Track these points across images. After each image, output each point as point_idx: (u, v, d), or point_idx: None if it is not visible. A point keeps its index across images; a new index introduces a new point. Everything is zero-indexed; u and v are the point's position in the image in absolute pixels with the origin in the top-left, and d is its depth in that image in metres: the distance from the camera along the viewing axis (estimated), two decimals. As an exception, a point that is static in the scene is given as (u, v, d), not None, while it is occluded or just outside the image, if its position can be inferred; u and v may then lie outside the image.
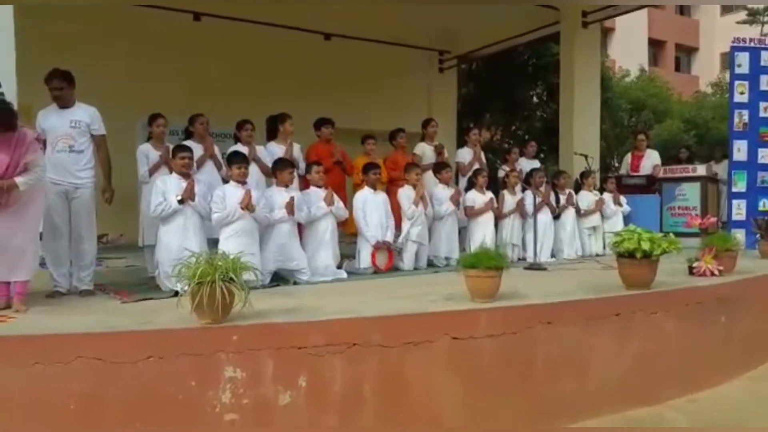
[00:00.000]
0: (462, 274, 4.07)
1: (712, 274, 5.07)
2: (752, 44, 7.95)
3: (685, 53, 31.14)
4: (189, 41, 9.30)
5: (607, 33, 27.01)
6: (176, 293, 4.01)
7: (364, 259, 5.61)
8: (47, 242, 4.41)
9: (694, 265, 5.17)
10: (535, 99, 15.39)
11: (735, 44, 8.05)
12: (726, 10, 29.03)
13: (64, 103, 4.51)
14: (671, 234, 4.83)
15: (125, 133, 5.88)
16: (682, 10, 31.19)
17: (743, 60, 7.92)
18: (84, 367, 3.08)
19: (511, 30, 11.21)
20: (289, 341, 3.35)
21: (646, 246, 4.24)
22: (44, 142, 4.32)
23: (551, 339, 3.95)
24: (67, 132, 4.44)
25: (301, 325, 3.44)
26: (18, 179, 3.75)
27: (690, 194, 8.28)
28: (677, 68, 30.44)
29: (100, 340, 3.18)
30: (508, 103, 14.45)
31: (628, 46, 26.85)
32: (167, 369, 3.17)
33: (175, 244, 4.44)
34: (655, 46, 29.55)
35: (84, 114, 4.54)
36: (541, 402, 3.91)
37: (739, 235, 7.62)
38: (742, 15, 24.40)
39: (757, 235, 6.92)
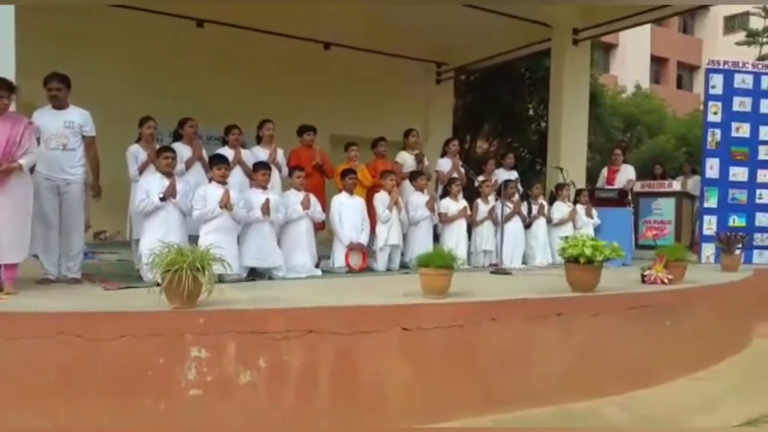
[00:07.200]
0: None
1: (662, 282, 5.39)
2: (726, 67, 8.22)
3: (687, 71, 31.43)
4: (191, 47, 9.68)
5: (609, 49, 27.38)
6: (158, 284, 4.35)
7: (338, 259, 5.97)
8: (38, 233, 4.73)
9: (646, 273, 5.49)
10: (531, 112, 15.64)
11: (710, 66, 8.35)
12: (728, 29, 29.39)
13: (59, 105, 4.86)
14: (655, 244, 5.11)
15: (126, 134, 6.16)
16: (685, 28, 31.57)
17: (717, 82, 8.19)
18: (65, 343, 3.41)
19: (505, 45, 11.49)
20: (250, 326, 3.69)
21: (588, 252, 4.59)
22: (38, 140, 4.67)
23: (496, 333, 4.27)
24: (61, 131, 4.78)
25: (261, 312, 3.78)
26: (21, 161, 4.15)
27: (665, 209, 8.61)
28: (679, 85, 30.77)
29: (79, 319, 3.54)
30: (505, 115, 14.67)
31: (631, 63, 27.21)
32: (139, 347, 3.51)
33: (157, 238, 4.76)
34: (658, 63, 29.88)
35: (78, 116, 4.90)
36: (484, 390, 4.21)
37: (709, 248, 7.99)
38: (743, 36, 24.64)
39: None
